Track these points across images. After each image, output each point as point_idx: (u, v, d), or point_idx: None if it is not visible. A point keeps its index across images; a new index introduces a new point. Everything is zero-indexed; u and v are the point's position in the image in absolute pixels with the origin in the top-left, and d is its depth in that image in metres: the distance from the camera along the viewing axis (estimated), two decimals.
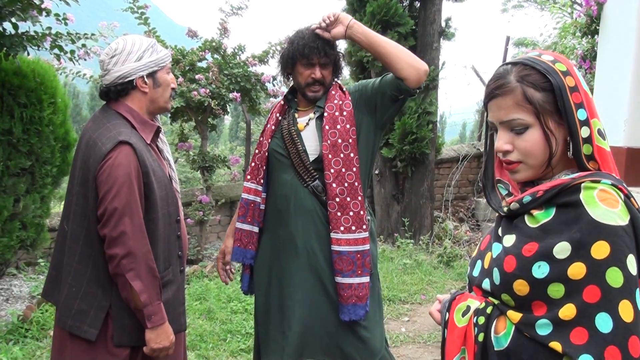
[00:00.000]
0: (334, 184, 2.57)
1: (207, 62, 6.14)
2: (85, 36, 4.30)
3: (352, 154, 2.58)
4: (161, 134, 2.31)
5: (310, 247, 2.64)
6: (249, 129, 8.35)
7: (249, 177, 2.76)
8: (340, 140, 2.57)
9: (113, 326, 2.07)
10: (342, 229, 2.57)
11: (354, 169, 2.58)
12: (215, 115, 6.19)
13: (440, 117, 15.43)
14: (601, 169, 1.30)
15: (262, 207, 2.74)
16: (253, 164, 2.77)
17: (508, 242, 1.32)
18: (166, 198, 2.17)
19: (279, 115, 2.78)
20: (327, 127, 2.59)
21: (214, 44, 6.14)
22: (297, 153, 2.65)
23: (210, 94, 5.86)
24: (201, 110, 6.08)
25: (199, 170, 6.51)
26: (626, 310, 1.16)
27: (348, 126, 2.60)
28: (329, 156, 2.57)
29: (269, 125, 2.77)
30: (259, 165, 2.73)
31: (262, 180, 2.72)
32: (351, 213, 2.57)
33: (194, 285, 5.29)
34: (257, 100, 6.45)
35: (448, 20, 7.43)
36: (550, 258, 1.21)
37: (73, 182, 2.14)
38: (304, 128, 2.69)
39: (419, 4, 7.41)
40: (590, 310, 1.17)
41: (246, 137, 8.39)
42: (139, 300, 2.00)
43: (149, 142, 2.17)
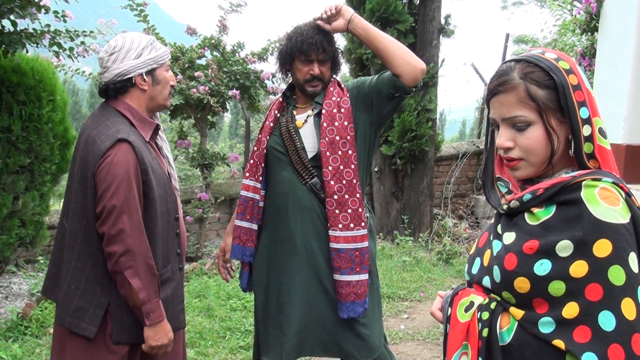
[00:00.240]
0: (331, 182, 2.56)
1: (206, 60, 6.13)
2: (84, 33, 4.29)
3: (350, 151, 2.58)
4: (160, 131, 2.30)
5: (309, 244, 2.64)
6: (249, 127, 8.34)
7: (248, 174, 2.76)
8: (338, 138, 2.57)
9: (112, 323, 2.08)
10: (340, 226, 2.57)
11: (352, 166, 2.58)
12: (214, 112, 6.19)
13: (440, 114, 15.42)
14: (601, 167, 1.30)
15: (261, 205, 2.74)
16: (252, 161, 2.76)
17: (508, 239, 1.32)
18: (165, 196, 2.17)
19: (277, 112, 2.77)
20: (325, 125, 2.59)
21: (213, 42, 6.13)
22: (295, 150, 2.65)
23: (209, 91, 5.86)
24: (200, 107, 6.07)
25: (199, 167, 6.51)
26: (629, 308, 1.16)
27: (346, 123, 2.59)
28: (327, 153, 2.57)
29: (267, 123, 2.77)
30: (258, 163, 2.72)
31: (260, 178, 2.72)
32: (349, 210, 2.57)
33: (193, 283, 5.29)
34: (256, 97, 6.45)
35: (447, 17, 7.43)
36: (552, 255, 1.21)
37: (72, 179, 2.13)
38: (302, 125, 2.69)
39: (418, 1, 7.40)
40: (593, 309, 1.17)
41: (245, 135, 8.39)
42: (137, 297, 2.00)
43: (148, 140, 2.17)
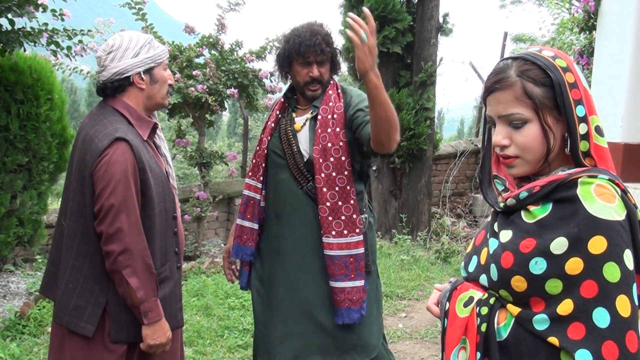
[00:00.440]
0: (324, 189, 2.54)
1: (204, 58, 6.13)
2: (82, 32, 4.29)
3: (343, 157, 2.54)
4: (158, 130, 2.30)
5: (305, 248, 2.63)
6: (247, 125, 8.34)
7: (250, 173, 2.76)
8: (330, 145, 2.54)
9: (110, 322, 2.08)
10: (333, 233, 2.55)
11: (346, 173, 2.54)
12: (212, 111, 6.19)
13: (438, 113, 15.44)
14: (597, 165, 1.30)
15: (262, 204, 2.74)
16: (254, 160, 2.76)
17: (504, 237, 1.32)
18: (163, 194, 2.16)
19: (278, 112, 2.76)
20: (319, 131, 2.57)
21: (211, 40, 6.13)
22: (292, 154, 2.64)
23: (207, 90, 5.85)
24: (198, 106, 6.07)
25: (197, 166, 6.50)
26: (623, 305, 1.16)
27: (338, 129, 2.56)
28: (320, 160, 2.54)
29: (269, 123, 2.76)
30: (259, 163, 2.72)
31: (261, 178, 2.72)
32: (343, 217, 2.54)
33: (192, 282, 5.29)
34: (254, 96, 6.44)
35: (446, 16, 7.43)
36: (547, 254, 1.21)
37: (70, 178, 2.13)
38: (301, 129, 2.67)
39: (416, 0, 7.41)
40: (587, 306, 1.17)
41: (244, 133, 8.39)
42: (135, 296, 2.00)
43: (145, 139, 2.17)
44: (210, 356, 3.85)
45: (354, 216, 2.56)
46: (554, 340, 1.19)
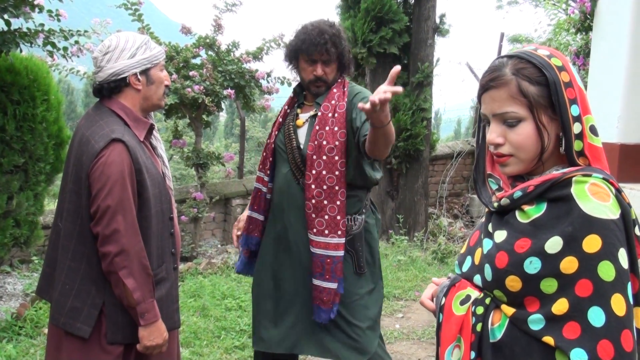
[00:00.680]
0: (312, 185, 2.56)
1: (201, 59, 6.13)
2: (79, 33, 4.28)
3: (336, 157, 2.54)
4: (155, 131, 2.30)
5: (301, 242, 2.65)
6: (244, 126, 8.34)
7: (260, 166, 2.82)
8: (325, 142, 2.55)
9: (106, 324, 2.07)
10: (314, 230, 2.57)
11: (337, 173, 2.54)
12: (209, 112, 6.18)
13: (435, 113, 15.45)
14: (591, 165, 1.30)
15: (269, 197, 2.78)
16: (264, 154, 2.82)
17: (499, 237, 1.32)
18: (159, 195, 2.16)
19: (287, 108, 2.80)
20: (317, 128, 2.58)
21: (208, 41, 6.13)
22: (291, 149, 2.67)
23: (204, 90, 5.85)
24: (195, 107, 6.06)
25: (193, 167, 6.50)
26: (618, 304, 1.16)
27: (336, 129, 2.56)
28: (313, 157, 2.56)
29: (278, 117, 2.81)
30: (267, 156, 2.77)
31: (268, 171, 2.77)
32: (326, 217, 2.55)
33: (188, 283, 5.28)
34: (251, 97, 6.43)
35: (442, 16, 7.43)
36: (542, 254, 1.21)
37: (66, 179, 2.13)
38: (302, 125, 2.69)
39: (413, 1, 7.40)
40: (582, 305, 1.17)
41: (240, 134, 8.38)
42: (132, 297, 2.00)
43: (142, 140, 2.17)
44: (207, 357, 3.85)
45: (337, 217, 2.56)
46: (549, 339, 1.19)
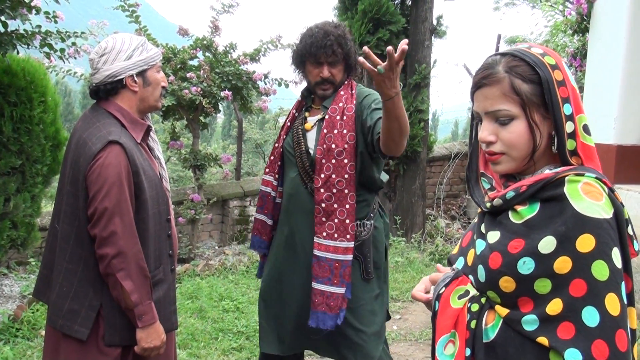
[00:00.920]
0: (321, 189, 2.55)
1: (198, 61, 6.12)
2: (76, 34, 4.28)
3: (345, 160, 2.53)
4: (152, 132, 2.30)
5: (308, 246, 2.64)
6: (241, 128, 8.33)
7: (268, 170, 2.81)
8: (333, 146, 2.53)
9: (104, 326, 2.07)
10: (324, 234, 2.55)
11: (346, 176, 2.53)
12: (206, 113, 6.18)
13: (433, 115, 15.49)
14: (584, 164, 1.30)
15: (278, 201, 2.79)
16: (272, 157, 2.81)
17: (492, 238, 1.32)
18: (156, 197, 2.16)
19: (295, 111, 2.80)
20: (325, 131, 2.57)
21: (205, 42, 6.13)
22: (300, 153, 2.66)
23: (201, 92, 5.85)
24: (192, 108, 6.06)
25: (191, 168, 6.50)
26: (612, 303, 1.15)
27: (345, 131, 2.54)
28: (322, 161, 2.54)
29: (287, 121, 2.81)
30: (276, 160, 2.77)
31: (277, 175, 2.77)
32: (336, 220, 2.54)
33: (186, 284, 5.28)
34: (248, 98, 6.44)
35: (440, 18, 7.44)
36: (535, 254, 1.21)
37: (63, 181, 2.13)
38: (311, 128, 2.68)
39: (410, 2, 7.41)
40: (576, 305, 1.16)
41: (238, 136, 8.37)
42: (129, 299, 2.00)
43: (139, 141, 2.16)
44: (204, 359, 3.84)
45: (347, 221, 2.54)
46: (543, 340, 1.19)
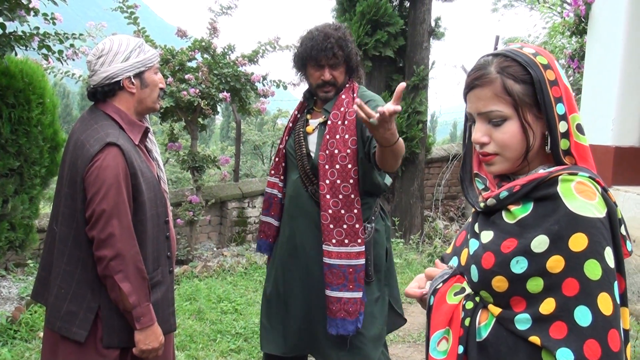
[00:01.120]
0: (327, 196, 2.52)
1: (196, 62, 6.12)
2: (74, 36, 4.27)
3: (349, 165, 2.51)
4: (150, 134, 2.30)
5: (310, 249, 2.63)
6: (239, 129, 8.33)
7: (273, 172, 2.81)
8: (337, 151, 2.52)
9: (102, 327, 2.07)
10: (334, 241, 2.52)
11: (351, 181, 2.51)
12: (205, 115, 6.18)
13: (431, 116, 15.50)
14: (578, 164, 1.30)
15: (283, 203, 2.78)
16: (276, 159, 2.82)
17: (485, 238, 1.31)
18: (155, 199, 2.16)
19: (297, 113, 2.79)
20: (327, 137, 2.56)
21: (203, 44, 6.13)
22: (301, 156, 2.65)
23: (199, 93, 5.85)
24: (191, 110, 6.06)
25: (189, 170, 6.49)
26: (605, 303, 1.15)
27: (347, 136, 2.53)
28: (326, 167, 2.53)
29: (289, 123, 2.81)
30: (280, 162, 2.78)
31: (282, 176, 2.77)
32: (345, 226, 2.51)
33: (184, 286, 5.28)
34: (247, 100, 6.44)
35: (438, 19, 7.45)
36: (528, 253, 1.20)
37: (61, 183, 2.13)
38: (312, 131, 2.67)
39: (408, 4, 7.42)
40: (569, 304, 1.16)
41: (236, 137, 8.37)
42: (127, 301, 1.99)
43: (137, 143, 2.16)
44: None
45: (356, 226, 2.52)
46: (535, 339, 1.18)
